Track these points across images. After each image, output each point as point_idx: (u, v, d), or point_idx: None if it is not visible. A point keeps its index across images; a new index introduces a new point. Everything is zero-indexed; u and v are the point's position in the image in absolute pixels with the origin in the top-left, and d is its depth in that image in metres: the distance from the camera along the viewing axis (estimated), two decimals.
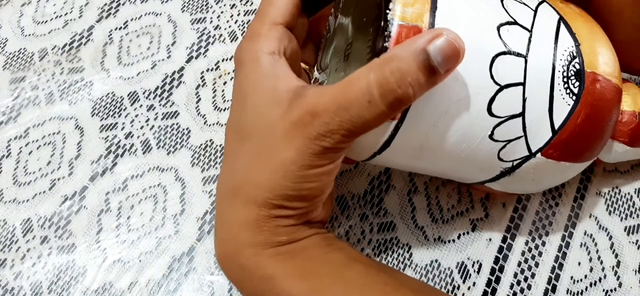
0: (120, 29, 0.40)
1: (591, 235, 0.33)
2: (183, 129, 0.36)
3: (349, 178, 0.35)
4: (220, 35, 0.40)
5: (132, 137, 0.36)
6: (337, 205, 0.34)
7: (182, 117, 0.37)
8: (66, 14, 0.41)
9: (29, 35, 0.40)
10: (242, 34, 0.40)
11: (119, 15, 0.41)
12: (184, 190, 0.34)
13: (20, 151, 0.35)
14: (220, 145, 0.36)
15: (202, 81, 0.38)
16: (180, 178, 0.35)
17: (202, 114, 0.37)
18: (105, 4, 0.41)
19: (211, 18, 0.41)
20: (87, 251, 0.32)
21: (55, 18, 0.40)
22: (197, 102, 0.37)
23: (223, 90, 0.38)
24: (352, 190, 0.34)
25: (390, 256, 0.32)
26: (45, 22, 0.40)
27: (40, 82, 0.38)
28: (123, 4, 0.41)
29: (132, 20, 0.40)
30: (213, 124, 0.36)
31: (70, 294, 0.31)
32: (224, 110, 0.37)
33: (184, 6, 0.41)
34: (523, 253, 0.32)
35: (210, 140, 0.36)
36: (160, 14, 0.41)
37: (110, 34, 0.40)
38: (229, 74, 0.38)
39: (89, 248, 0.32)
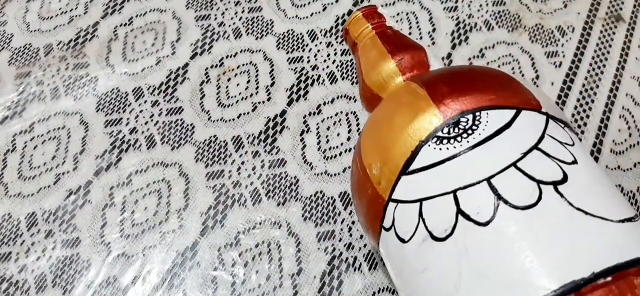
0: (125, 25, 0.40)
1: None
2: (187, 125, 0.36)
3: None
4: (225, 32, 0.40)
5: (136, 132, 0.36)
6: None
7: (186, 113, 0.37)
8: (71, 10, 0.41)
9: (35, 31, 0.40)
10: (245, 31, 0.40)
11: (124, 11, 0.41)
12: (188, 185, 0.34)
13: (25, 145, 0.36)
14: (223, 141, 0.36)
15: (206, 77, 0.38)
16: (184, 173, 0.35)
17: (206, 110, 0.37)
18: (111, 0, 0.41)
19: (215, 15, 0.41)
20: (92, 245, 0.32)
21: (61, 14, 0.41)
22: (201, 98, 0.37)
23: (227, 87, 0.38)
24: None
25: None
26: (51, 18, 0.40)
27: (46, 78, 0.38)
28: (128, 1, 0.41)
29: (137, 16, 0.41)
30: (217, 120, 0.37)
31: (74, 288, 0.31)
32: (228, 106, 0.37)
33: (189, 3, 0.41)
34: None
35: (214, 136, 0.36)
36: (165, 11, 0.41)
37: (115, 30, 0.40)
38: (233, 70, 0.39)
39: (93, 242, 0.33)
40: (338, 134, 0.36)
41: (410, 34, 0.40)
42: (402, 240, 0.21)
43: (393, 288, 0.31)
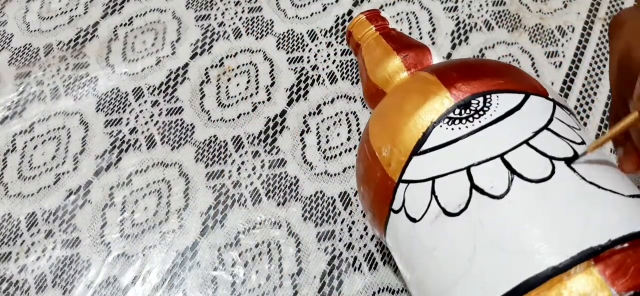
0: (125, 25, 0.40)
1: None
2: (187, 125, 0.36)
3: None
4: (225, 32, 0.40)
5: (136, 132, 0.36)
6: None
7: (186, 113, 0.37)
8: (71, 10, 0.41)
9: (35, 31, 0.40)
10: (245, 31, 0.40)
11: (124, 11, 0.41)
12: (188, 185, 0.34)
13: (25, 145, 0.36)
14: (223, 141, 0.36)
15: (206, 77, 0.38)
16: (184, 173, 0.35)
17: (206, 110, 0.37)
18: (111, 0, 0.41)
19: (215, 15, 0.41)
20: (92, 245, 0.32)
21: (61, 14, 0.41)
22: (201, 98, 0.37)
23: (227, 87, 0.38)
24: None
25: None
26: (51, 18, 0.40)
27: (46, 78, 0.38)
28: (128, 1, 0.41)
29: (137, 16, 0.41)
30: (217, 120, 0.37)
31: (74, 287, 0.31)
32: (228, 106, 0.37)
33: (189, 3, 0.41)
34: None
35: (214, 136, 0.36)
36: (165, 11, 0.41)
37: (115, 30, 0.40)
38: (233, 70, 0.39)
39: (93, 242, 0.33)
40: (338, 134, 0.36)
41: (410, 34, 0.40)
42: (413, 220, 0.22)
43: (393, 288, 0.31)
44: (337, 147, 0.36)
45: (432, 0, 0.42)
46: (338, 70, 0.38)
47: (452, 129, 0.22)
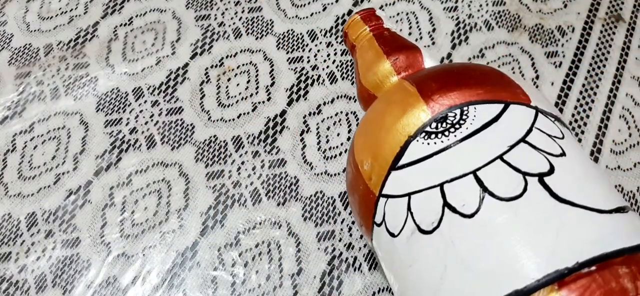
0: (125, 25, 0.40)
1: None
2: (187, 125, 0.36)
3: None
4: (225, 32, 0.40)
5: (136, 132, 0.36)
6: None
7: (186, 113, 0.37)
8: (71, 10, 0.41)
9: (35, 31, 0.40)
10: (245, 31, 0.40)
11: (124, 11, 0.41)
12: (188, 185, 0.34)
13: (25, 145, 0.36)
14: (223, 141, 0.36)
15: (206, 77, 0.38)
16: (184, 173, 0.35)
17: (206, 110, 0.37)
18: (111, 0, 0.41)
19: (215, 15, 0.41)
20: (92, 245, 0.32)
21: (61, 14, 0.41)
22: (201, 98, 0.37)
23: (227, 87, 0.38)
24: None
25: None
26: (51, 18, 0.40)
27: (46, 78, 0.38)
28: (128, 1, 0.41)
29: (137, 16, 0.41)
30: (217, 120, 0.37)
31: (74, 288, 0.31)
32: (228, 106, 0.37)
33: (189, 3, 0.41)
34: None
35: (214, 136, 0.36)
36: (165, 11, 0.41)
37: (115, 30, 0.40)
38: (232, 70, 0.39)
39: (93, 242, 0.33)
40: (338, 134, 0.36)
41: (410, 34, 0.40)
42: (392, 235, 0.22)
43: None
44: (337, 147, 0.36)
45: (432, 0, 0.42)
46: (338, 70, 0.38)
47: (428, 144, 0.22)
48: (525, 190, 0.19)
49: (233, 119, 0.37)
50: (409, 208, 0.21)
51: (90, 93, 0.37)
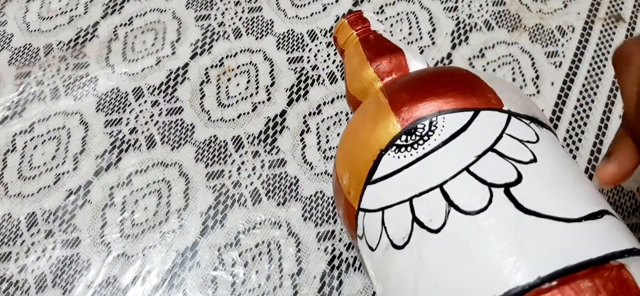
0: (125, 25, 0.40)
1: None
2: (187, 125, 0.36)
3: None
4: (225, 32, 0.40)
5: (136, 132, 0.36)
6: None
7: (186, 113, 0.37)
8: (71, 10, 0.41)
9: (35, 31, 0.40)
10: (245, 31, 0.40)
11: (123, 11, 0.41)
12: (188, 185, 0.34)
13: (25, 145, 0.36)
14: (223, 141, 0.36)
15: (206, 77, 0.38)
16: (184, 173, 0.35)
17: (206, 110, 0.37)
18: (111, 0, 0.41)
19: (215, 15, 0.41)
20: (92, 245, 0.32)
21: (61, 14, 0.41)
22: (201, 98, 0.37)
23: (227, 87, 0.38)
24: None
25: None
26: (51, 18, 0.40)
27: (46, 78, 0.38)
28: (128, 1, 0.41)
29: (137, 16, 0.41)
30: (217, 120, 0.37)
31: (74, 287, 0.31)
32: (228, 106, 0.37)
33: (189, 3, 0.41)
34: None
35: (214, 136, 0.36)
36: (165, 11, 0.41)
37: (115, 30, 0.40)
38: (232, 70, 0.39)
39: (93, 242, 0.33)
40: (338, 134, 0.36)
41: (410, 33, 0.40)
42: (371, 248, 0.22)
43: None
44: (337, 147, 0.36)
45: (432, 0, 0.42)
46: (338, 70, 0.38)
47: (399, 157, 0.21)
48: (490, 202, 0.19)
49: (233, 119, 0.37)
50: (383, 223, 0.21)
51: (90, 93, 0.37)
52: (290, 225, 0.33)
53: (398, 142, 0.22)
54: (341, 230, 0.33)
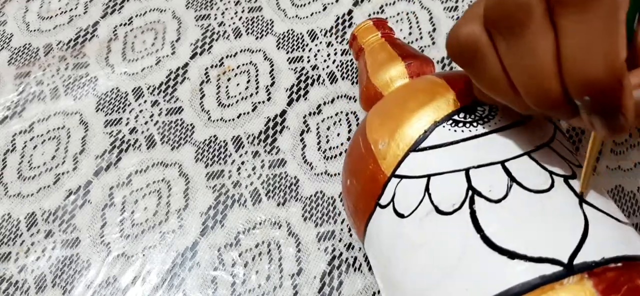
0: (124, 25, 0.40)
1: None
2: (187, 125, 0.36)
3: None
4: (224, 32, 0.40)
5: (136, 132, 0.36)
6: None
7: (186, 113, 0.37)
8: (71, 9, 0.41)
9: (34, 30, 0.40)
10: (245, 31, 0.40)
11: (123, 11, 0.41)
12: (188, 185, 0.34)
13: (25, 145, 0.36)
14: (223, 141, 0.36)
15: (206, 77, 0.38)
16: (184, 173, 0.35)
17: (206, 110, 0.37)
18: (110, 0, 0.41)
19: (215, 14, 0.41)
20: (91, 245, 0.32)
21: (60, 14, 0.41)
22: (201, 98, 0.37)
23: (227, 87, 0.38)
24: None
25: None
26: (50, 17, 0.40)
27: (45, 77, 0.38)
28: (128, 1, 0.41)
29: (136, 16, 0.41)
30: (217, 120, 0.37)
31: (74, 288, 0.31)
32: (228, 106, 0.37)
33: (189, 3, 0.41)
34: None
35: (214, 136, 0.36)
36: (165, 11, 0.41)
37: (115, 30, 0.40)
38: (232, 70, 0.39)
39: (93, 242, 0.33)
40: (338, 134, 0.36)
41: (410, 33, 0.40)
42: (401, 216, 0.22)
43: None
44: (337, 147, 0.36)
45: (432, 0, 0.42)
46: (338, 70, 0.38)
47: (455, 131, 0.22)
48: (552, 186, 0.20)
49: (233, 119, 0.37)
50: (427, 189, 0.21)
51: (90, 93, 0.37)
52: (290, 225, 0.33)
53: (455, 117, 0.23)
54: (341, 230, 0.33)
